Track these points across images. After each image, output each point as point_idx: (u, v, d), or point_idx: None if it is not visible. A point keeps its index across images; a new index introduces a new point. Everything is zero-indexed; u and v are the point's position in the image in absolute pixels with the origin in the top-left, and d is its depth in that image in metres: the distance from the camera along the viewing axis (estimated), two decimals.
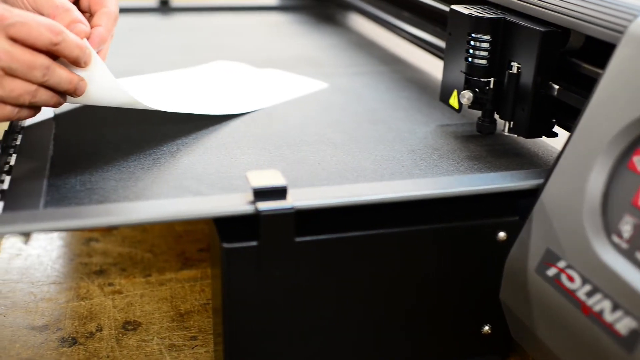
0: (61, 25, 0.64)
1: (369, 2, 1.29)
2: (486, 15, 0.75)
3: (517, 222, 0.65)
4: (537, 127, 0.73)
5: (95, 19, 0.72)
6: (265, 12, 1.53)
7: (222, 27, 1.38)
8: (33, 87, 0.63)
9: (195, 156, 0.73)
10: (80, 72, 0.67)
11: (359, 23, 1.43)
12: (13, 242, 0.90)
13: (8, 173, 0.67)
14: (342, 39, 1.30)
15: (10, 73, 0.62)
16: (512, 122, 0.75)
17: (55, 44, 0.63)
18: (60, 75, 0.64)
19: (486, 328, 0.70)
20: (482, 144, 0.79)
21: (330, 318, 0.65)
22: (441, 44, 0.97)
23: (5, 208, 0.60)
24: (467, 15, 0.76)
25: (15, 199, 0.62)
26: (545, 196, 0.62)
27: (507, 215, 0.66)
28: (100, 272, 0.85)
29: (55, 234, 0.92)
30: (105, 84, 0.69)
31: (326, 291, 0.64)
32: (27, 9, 0.71)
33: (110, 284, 0.83)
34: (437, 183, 0.68)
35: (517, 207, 0.66)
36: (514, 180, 0.67)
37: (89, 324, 0.76)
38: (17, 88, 0.62)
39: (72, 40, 0.64)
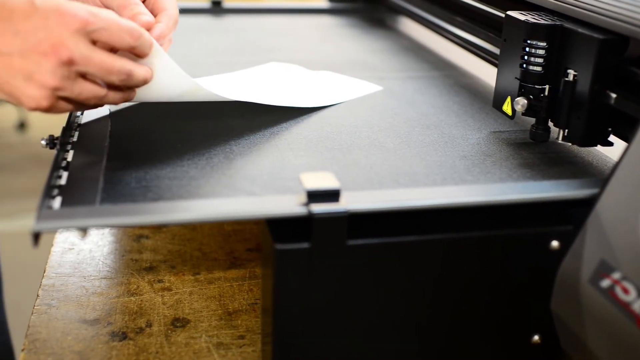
0: (139, 28, 0.66)
1: (420, 7, 1.28)
2: (542, 21, 0.75)
3: (570, 231, 0.65)
4: (593, 135, 0.73)
5: (157, 19, 0.75)
6: (316, 14, 1.53)
7: (274, 28, 1.38)
8: (103, 91, 0.66)
9: (248, 157, 0.74)
10: (143, 62, 0.68)
11: (410, 27, 1.42)
12: (66, 237, 0.91)
13: (65, 169, 0.68)
14: (393, 42, 1.30)
15: (85, 76, 0.64)
16: (566, 130, 0.74)
17: (134, 48, 0.66)
18: (139, 76, 0.67)
19: (536, 337, 0.69)
20: (535, 151, 0.78)
21: (378, 322, 0.65)
22: (494, 49, 0.97)
23: (63, 203, 0.61)
24: (523, 21, 0.76)
25: (73, 195, 0.63)
26: (600, 206, 0.61)
27: (560, 224, 0.66)
28: (150, 269, 0.86)
29: (107, 230, 0.94)
30: (168, 72, 0.70)
31: (375, 295, 0.64)
32: (94, 2, 0.75)
33: (159, 281, 0.84)
34: (489, 190, 0.67)
35: (571, 216, 0.66)
36: (568, 189, 0.67)
37: (138, 319, 0.77)
38: (85, 91, 0.65)
39: (147, 41, 0.66)
